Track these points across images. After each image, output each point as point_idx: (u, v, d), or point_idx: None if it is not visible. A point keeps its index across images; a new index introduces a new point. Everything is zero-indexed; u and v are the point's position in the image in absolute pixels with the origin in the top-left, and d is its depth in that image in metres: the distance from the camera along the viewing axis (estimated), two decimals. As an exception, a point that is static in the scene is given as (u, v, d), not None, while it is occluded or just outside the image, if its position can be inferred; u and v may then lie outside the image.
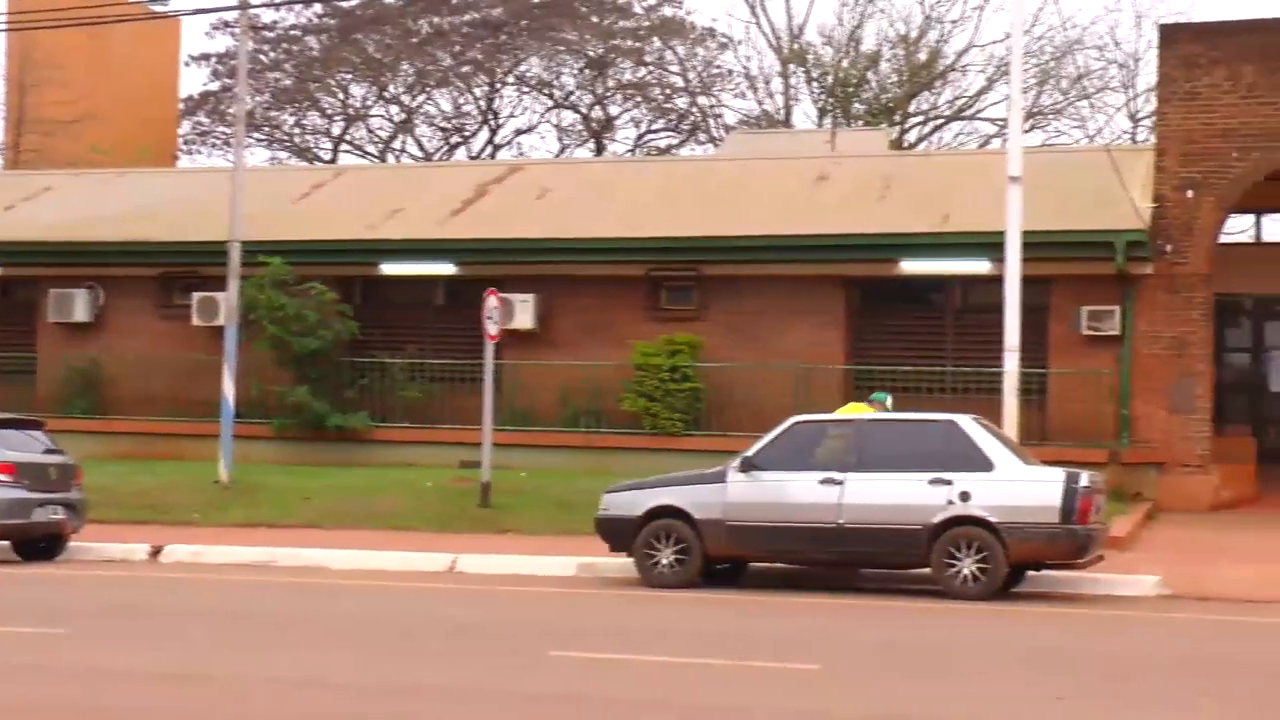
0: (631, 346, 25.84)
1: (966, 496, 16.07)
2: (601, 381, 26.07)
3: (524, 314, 26.35)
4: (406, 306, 28.46)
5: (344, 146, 50.83)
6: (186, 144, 49.99)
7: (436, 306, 28.44)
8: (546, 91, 49.94)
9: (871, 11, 49.15)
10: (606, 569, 17.94)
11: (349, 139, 51.05)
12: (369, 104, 50.62)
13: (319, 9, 49.61)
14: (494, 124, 50.46)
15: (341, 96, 50.57)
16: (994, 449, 16.49)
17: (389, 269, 27.98)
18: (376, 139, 51.14)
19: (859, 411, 19.02)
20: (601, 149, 49.16)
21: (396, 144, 50.98)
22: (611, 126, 49.83)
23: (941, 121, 46.81)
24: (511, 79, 49.82)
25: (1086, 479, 16.15)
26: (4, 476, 19.07)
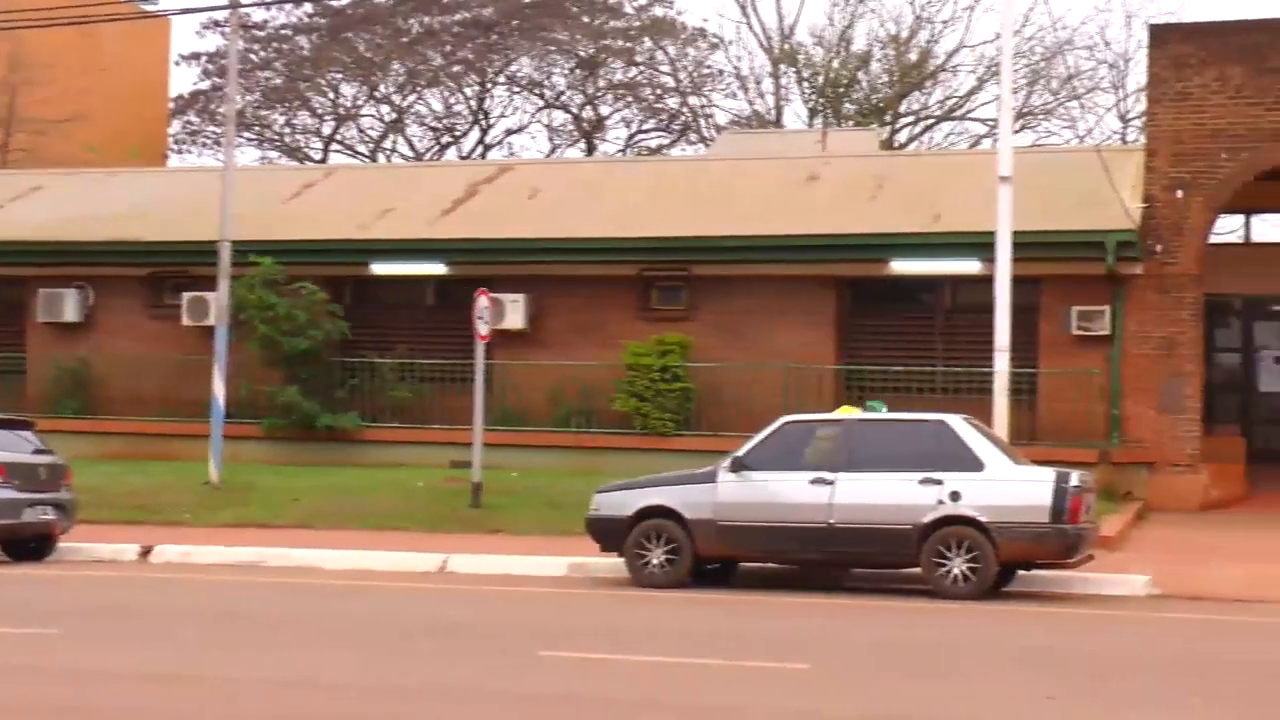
0: (622, 346, 25.84)
1: (957, 496, 16.08)
2: (592, 381, 26.06)
3: (514, 314, 26.34)
4: (397, 306, 28.45)
5: (334, 146, 50.81)
6: (177, 143, 49.99)
7: (427, 306, 28.44)
8: (537, 91, 49.94)
9: (862, 12, 49.32)
10: (597, 569, 17.93)
11: (339, 138, 51.04)
12: (359, 103, 50.58)
13: (309, 8, 49.64)
14: (485, 124, 50.46)
15: (332, 96, 50.53)
16: (984, 449, 16.50)
17: (379, 269, 27.97)
18: (367, 138, 51.13)
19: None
20: (592, 149, 49.12)
21: (387, 144, 50.95)
22: (602, 126, 49.83)
23: (932, 121, 46.82)
24: (502, 79, 49.80)
25: (1076, 479, 16.16)
26: (-6, 477, 19.05)
